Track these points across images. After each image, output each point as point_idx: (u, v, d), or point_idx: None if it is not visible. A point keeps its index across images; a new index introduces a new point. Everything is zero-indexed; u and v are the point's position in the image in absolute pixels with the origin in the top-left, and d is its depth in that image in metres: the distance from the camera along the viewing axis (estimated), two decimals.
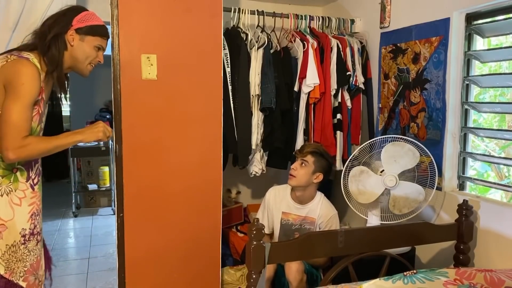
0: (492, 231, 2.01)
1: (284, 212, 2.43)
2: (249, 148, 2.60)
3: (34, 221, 1.73)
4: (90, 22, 1.73)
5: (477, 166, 2.53)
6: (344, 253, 1.90)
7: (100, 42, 1.78)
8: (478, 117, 2.37)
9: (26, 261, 1.70)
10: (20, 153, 1.56)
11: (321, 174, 2.34)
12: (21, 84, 1.55)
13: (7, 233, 1.65)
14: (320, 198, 2.41)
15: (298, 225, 2.39)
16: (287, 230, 2.40)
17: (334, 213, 2.39)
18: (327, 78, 2.64)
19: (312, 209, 2.39)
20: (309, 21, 2.77)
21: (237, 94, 2.53)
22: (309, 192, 2.38)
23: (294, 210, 2.41)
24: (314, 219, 2.37)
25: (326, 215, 2.36)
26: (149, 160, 2.13)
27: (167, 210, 2.19)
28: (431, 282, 1.43)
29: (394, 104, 2.58)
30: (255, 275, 1.69)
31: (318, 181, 2.35)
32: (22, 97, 1.55)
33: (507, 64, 2.32)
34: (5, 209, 1.64)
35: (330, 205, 2.41)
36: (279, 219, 2.43)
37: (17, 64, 1.58)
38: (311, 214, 2.38)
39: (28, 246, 1.71)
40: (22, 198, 1.69)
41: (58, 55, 1.67)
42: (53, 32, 1.67)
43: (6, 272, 1.65)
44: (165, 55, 2.10)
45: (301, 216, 2.39)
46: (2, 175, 1.63)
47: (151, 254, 2.18)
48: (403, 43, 2.49)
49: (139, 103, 2.09)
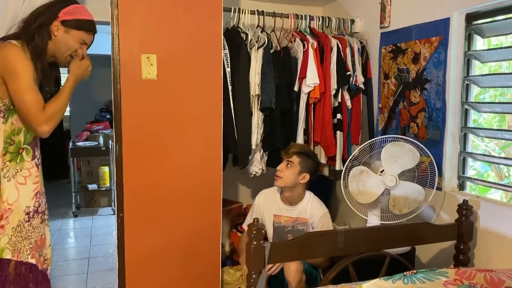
0: (492, 231, 2.01)
1: (275, 215, 2.43)
2: (249, 148, 2.60)
3: (39, 199, 1.76)
4: (78, 16, 1.73)
5: (477, 166, 2.53)
6: (344, 253, 1.90)
7: (85, 37, 1.78)
8: (478, 117, 2.37)
9: (31, 238, 1.72)
10: (51, 123, 1.65)
11: (308, 174, 2.34)
12: (14, 64, 1.59)
13: (12, 216, 1.67)
14: (310, 197, 2.41)
15: (291, 227, 2.39)
16: (280, 233, 2.40)
17: (325, 211, 2.39)
18: (327, 78, 2.64)
19: (302, 209, 2.38)
20: (309, 21, 2.77)
21: (237, 94, 2.53)
22: (297, 193, 2.38)
23: (285, 212, 2.41)
24: (306, 219, 2.37)
25: (317, 214, 2.36)
26: (149, 160, 2.13)
27: (167, 210, 2.19)
28: (431, 282, 1.43)
29: (394, 104, 2.58)
30: (255, 275, 1.69)
31: (305, 181, 2.34)
32: (22, 75, 1.60)
33: (507, 64, 2.32)
34: (12, 192, 1.67)
35: (320, 204, 2.41)
36: (271, 222, 2.43)
37: (2, 49, 1.61)
38: (302, 214, 2.38)
39: (33, 223, 1.73)
40: (27, 176, 1.72)
41: (41, 44, 1.69)
42: (38, 21, 1.68)
43: (13, 255, 1.67)
44: (165, 55, 2.10)
45: (292, 218, 2.39)
46: (9, 159, 1.65)
47: (151, 254, 2.18)
48: (403, 43, 2.49)
49: (139, 103, 2.09)
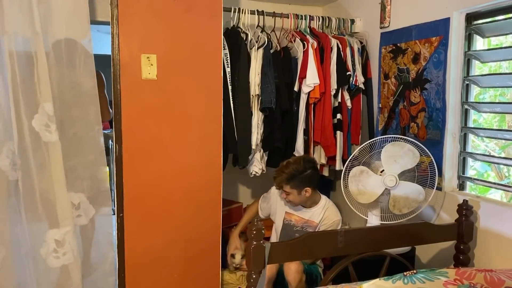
0: (492, 231, 2.01)
1: (287, 212, 2.44)
2: (249, 148, 2.60)
3: None
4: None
5: (477, 166, 2.53)
6: (344, 253, 1.90)
7: None
8: (478, 117, 2.37)
9: None
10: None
11: (307, 187, 2.31)
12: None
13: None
14: (326, 202, 2.42)
15: (300, 227, 2.40)
16: (289, 231, 2.41)
17: (337, 219, 2.39)
18: (327, 78, 2.64)
19: (315, 213, 2.39)
20: (309, 21, 2.77)
21: (237, 94, 2.53)
22: (310, 201, 2.40)
23: (297, 212, 2.42)
24: (316, 223, 2.37)
25: (329, 219, 2.37)
26: (149, 160, 2.13)
27: (167, 210, 2.19)
28: (431, 282, 1.43)
29: (394, 104, 2.58)
30: (255, 275, 1.69)
31: (310, 193, 2.33)
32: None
33: (507, 64, 2.32)
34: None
35: (336, 211, 2.41)
36: (282, 218, 2.44)
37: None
38: (313, 218, 2.39)
39: None
40: None
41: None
42: None
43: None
44: (165, 55, 2.10)
45: (303, 219, 2.40)
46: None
47: (151, 254, 2.18)
48: (403, 43, 2.49)
49: (139, 103, 2.09)
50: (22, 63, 2.02)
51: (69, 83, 2.13)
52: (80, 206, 2.18)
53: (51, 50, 2.07)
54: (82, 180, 2.19)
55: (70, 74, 2.13)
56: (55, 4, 2.06)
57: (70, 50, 2.12)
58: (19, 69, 2.00)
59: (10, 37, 1.99)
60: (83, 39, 2.14)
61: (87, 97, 2.16)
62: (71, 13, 2.09)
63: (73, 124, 2.16)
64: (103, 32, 2.09)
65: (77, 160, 2.17)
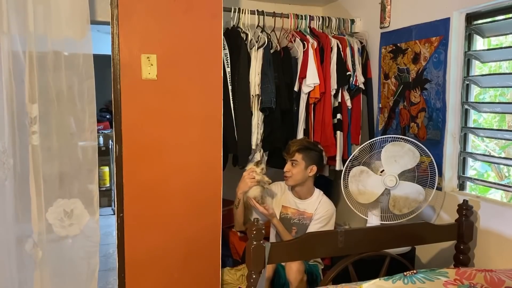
0: (492, 231, 2.01)
1: (284, 206, 2.47)
2: (249, 148, 2.60)
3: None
4: None
5: (477, 166, 2.53)
6: (344, 253, 1.90)
7: None
8: (478, 117, 2.37)
9: None
10: None
11: (314, 165, 2.38)
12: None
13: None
14: (319, 194, 2.44)
15: (297, 219, 2.42)
16: (286, 224, 2.42)
17: (332, 209, 2.41)
18: (327, 78, 2.64)
19: (310, 204, 2.41)
20: (309, 21, 2.77)
21: (237, 94, 2.53)
22: (307, 187, 2.41)
23: (293, 205, 2.45)
24: (311, 214, 2.39)
25: (323, 208, 2.39)
26: (149, 160, 2.13)
27: (167, 210, 2.19)
28: (431, 282, 1.43)
29: (394, 104, 2.58)
30: (255, 275, 1.69)
31: (314, 173, 2.39)
32: None
33: (507, 64, 2.32)
34: None
35: (329, 202, 2.43)
36: (279, 212, 2.47)
37: None
38: (308, 209, 2.41)
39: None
40: None
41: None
42: None
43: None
44: (165, 55, 2.10)
45: (299, 211, 2.42)
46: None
47: (151, 254, 2.18)
48: (403, 43, 2.49)
49: (139, 103, 2.09)
50: (18, 63, 2.03)
51: (66, 84, 2.14)
52: (73, 213, 2.19)
53: (50, 50, 2.07)
54: (74, 185, 2.20)
55: (68, 75, 2.13)
56: (55, 4, 2.06)
57: (70, 50, 2.12)
58: (13, 68, 2.02)
59: (7, 37, 1.99)
60: (83, 39, 2.14)
61: (84, 98, 2.16)
62: (71, 13, 2.10)
63: (69, 126, 2.17)
64: (103, 32, 2.08)
65: (70, 164, 2.19)
